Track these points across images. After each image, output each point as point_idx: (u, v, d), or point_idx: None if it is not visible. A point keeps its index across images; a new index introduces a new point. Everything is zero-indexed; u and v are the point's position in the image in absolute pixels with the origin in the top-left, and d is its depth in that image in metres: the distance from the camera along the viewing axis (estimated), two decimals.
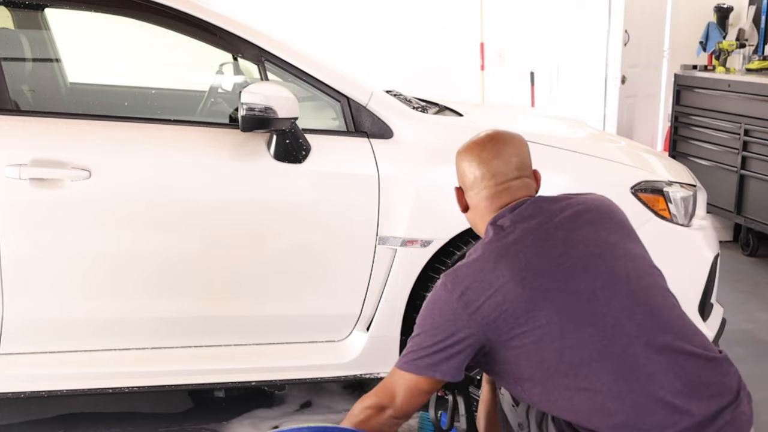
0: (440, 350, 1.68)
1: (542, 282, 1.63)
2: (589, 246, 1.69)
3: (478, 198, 1.85)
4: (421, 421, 2.61)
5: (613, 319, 1.61)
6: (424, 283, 2.76)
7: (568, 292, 1.62)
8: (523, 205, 1.78)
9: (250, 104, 2.42)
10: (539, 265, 1.65)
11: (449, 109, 3.22)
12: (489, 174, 1.84)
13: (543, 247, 1.68)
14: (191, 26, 2.60)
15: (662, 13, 6.68)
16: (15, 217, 2.41)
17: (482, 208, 1.84)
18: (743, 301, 4.26)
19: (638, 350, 1.60)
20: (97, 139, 2.48)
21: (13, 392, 2.53)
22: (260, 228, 2.61)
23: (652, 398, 1.58)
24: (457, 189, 1.92)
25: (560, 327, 1.60)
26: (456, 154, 1.92)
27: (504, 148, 1.85)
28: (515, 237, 1.71)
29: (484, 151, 1.86)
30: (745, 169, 4.91)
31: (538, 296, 1.62)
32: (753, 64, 5.37)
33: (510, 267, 1.65)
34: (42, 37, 3.23)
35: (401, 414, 1.76)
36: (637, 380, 1.58)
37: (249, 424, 2.86)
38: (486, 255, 1.70)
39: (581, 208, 1.77)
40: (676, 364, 1.60)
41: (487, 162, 1.85)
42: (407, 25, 6.40)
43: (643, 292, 1.67)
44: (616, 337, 1.60)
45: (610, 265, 1.67)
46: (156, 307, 2.60)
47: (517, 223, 1.74)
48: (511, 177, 1.83)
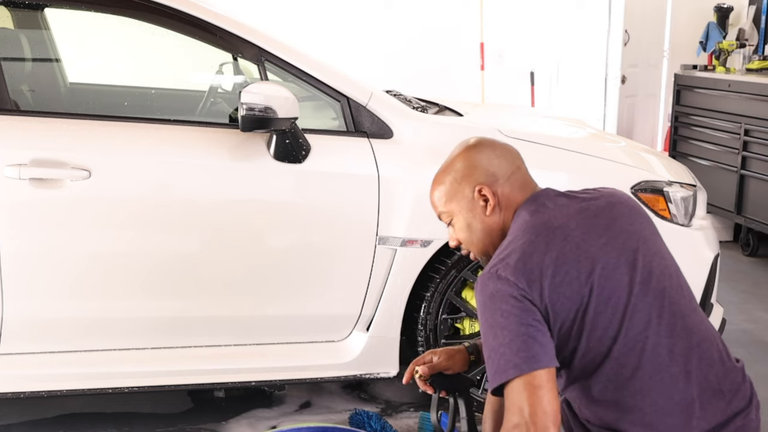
0: (529, 339, 1.54)
1: (595, 270, 1.60)
2: (628, 240, 1.67)
3: (510, 183, 1.73)
4: (421, 421, 2.61)
5: (646, 315, 1.61)
6: (424, 283, 2.76)
7: (613, 285, 1.61)
8: (550, 193, 1.73)
9: (249, 104, 2.42)
10: (594, 252, 1.62)
11: (449, 109, 3.22)
12: (512, 155, 1.78)
13: (588, 233, 1.64)
14: (191, 26, 2.60)
15: (662, 13, 6.68)
16: (15, 217, 2.41)
17: (515, 195, 1.73)
18: (743, 301, 4.26)
19: (664, 351, 1.60)
20: (97, 139, 2.48)
21: (13, 392, 2.53)
22: (260, 228, 2.61)
23: (671, 400, 1.59)
24: (481, 186, 1.73)
25: (597, 314, 1.59)
26: (463, 154, 1.78)
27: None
28: (560, 221, 1.65)
29: (495, 141, 1.81)
30: (745, 169, 4.91)
31: (592, 285, 1.59)
32: (753, 64, 5.37)
33: (561, 248, 1.60)
34: (42, 37, 3.23)
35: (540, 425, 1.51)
36: (661, 380, 1.59)
37: (247, 424, 2.86)
38: (533, 237, 1.62)
39: (613, 200, 1.74)
40: (698, 369, 1.61)
41: (505, 147, 1.79)
42: (407, 25, 6.40)
43: (673, 293, 1.66)
44: (646, 334, 1.60)
45: (647, 260, 1.66)
46: (156, 307, 2.60)
47: (555, 208, 1.69)
48: (522, 161, 1.80)
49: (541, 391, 1.51)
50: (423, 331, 2.78)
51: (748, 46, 5.72)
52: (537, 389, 1.51)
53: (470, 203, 1.75)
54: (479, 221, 1.75)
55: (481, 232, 1.76)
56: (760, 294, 4.41)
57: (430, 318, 2.77)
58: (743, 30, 6.03)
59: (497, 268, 1.60)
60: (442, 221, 1.83)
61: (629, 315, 1.59)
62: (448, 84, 6.26)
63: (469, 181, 1.75)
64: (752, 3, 6.18)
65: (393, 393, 3.09)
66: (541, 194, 1.73)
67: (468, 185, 1.75)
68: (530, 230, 1.64)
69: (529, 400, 1.51)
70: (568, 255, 1.59)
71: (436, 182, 1.81)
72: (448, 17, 6.51)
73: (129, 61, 4.19)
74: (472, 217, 1.76)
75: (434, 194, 1.81)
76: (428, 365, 1.95)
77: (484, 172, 1.74)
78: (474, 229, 1.76)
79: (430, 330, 2.78)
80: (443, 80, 6.27)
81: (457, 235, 1.81)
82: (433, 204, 1.82)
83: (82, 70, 3.97)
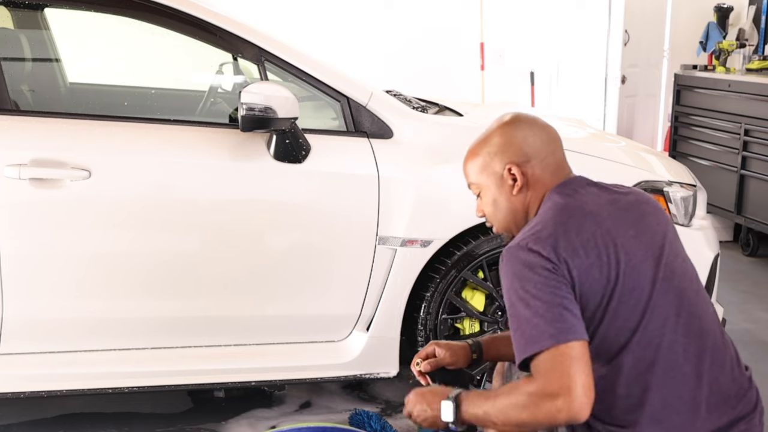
0: (564, 310, 1.53)
1: (622, 258, 1.61)
2: (655, 237, 1.68)
3: (543, 166, 1.73)
4: None
5: (665, 312, 1.62)
6: (424, 283, 2.76)
7: (637, 278, 1.62)
8: (582, 181, 1.73)
9: (249, 104, 2.42)
10: (622, 241, 1.63)
11: (449, 109, 3.21)
12: (552, 138, 1.77)
13: (618, 223, 1.65)
14: (191, 26, 2.60)
15: (662, 13, 6.68)
16: (15, 217, 2.41)
17: (546, 178, 1.73)
18: (743, 301, 4.25)
19: (680, 349, 1.61)
20: (97, 139, 2.48)
21: (13, 392, 2.53)
22: (260, 228, 2.61)
23: (681, 398, 1.60)
24: (511, 165, 1.73)
25: (620, 303, 1.60)
26: (501, 129, 1.77)
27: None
28: (592, 208, 1.66)
29: (537, 120, 1.80)
30: (745, 169, 4.91)
31: (619, 271, 1.60)
32: (753, 64, 5.37)
33: (593, 232, 1.61)
34: (42, 37, 3.23)
35: (578, 396, 1.48)
36: (673, 377, 1.60)
37: (246, 424, 2.86)
38: (566, 218, 1.63)
39: (642, 198, 1.76)
40: (709, 371, 1.63)
41: (548, 127, 1.78)
42: (407, 25, 6.40)
43: (692, 295, 1.68)
44: (664, 331, 1.61)
45: (670, 260, 1.67)
46: (156, 307, 2.60)
47: (587, 195, 1.69)
48: (561, 147, 1.79)
49: (579, 364, 1.48)
50: (423, 331, 2.78)
51: (748, 46, 5.72)
52: (575, 361, 1.48)
53: (499, 180, 1.76)
54: (505, 199, 1.76)
55: (506, 210, 1.77)
56: (760, 294, 4.41)
57: (430, 318, 2.77)
58: (743, 30, 6.03)
59: (527, 241, 1.60)
60: (471, 191, 1.85)
61: (650, 309, 1.60)
62: (448, 84, 6.26)
63: (502, 158, 1.75)
64: (752, 3, 6.17)
65: (392, 393, 3.09)
66: (574, 180, 1.74)
67: (500, 162, 1.75)
68: (563, 211, 1.65)
69: (567, 372, 1.47)
70: (598, 240, 1.60)
71: (471, 153, 1.82)
72: (448, 17, 6.51)
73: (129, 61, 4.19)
74: (498, 193, 1.77)
75: (467, 165, 1.83)
76: (431, 362, 1.96)
77: (518, 151, 1.74)
78: (499, 206, 1.78)
79: (430, 330, 2.78)
80: (443, 80, 6.27)
81: (483, 208, 1.83)
82: (465, 173, 1.84)
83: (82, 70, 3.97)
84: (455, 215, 2.70)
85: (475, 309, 2.83)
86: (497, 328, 2.83)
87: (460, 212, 2.70)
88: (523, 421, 1.54)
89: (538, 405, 1.50)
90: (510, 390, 1.58)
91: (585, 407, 1.48)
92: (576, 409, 1.47)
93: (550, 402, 1.48)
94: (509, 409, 1.55)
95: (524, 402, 1.52)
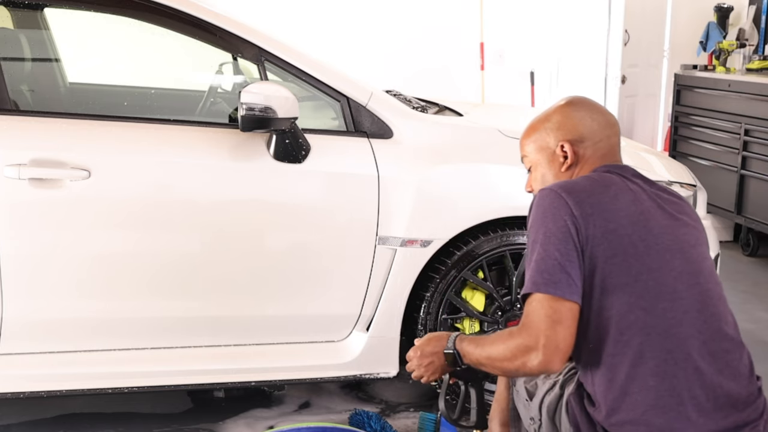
0: (557, 265, 1.58)
1: (649, 238, 1.64)
2: (688, 234, 1.72)
3: (595, 148, 1.78)
4: (421, 421, 2.61)
5: (687, 306, 1.64)
6: (424, 283, 2.76)
7: (663, 261, 1.64)
8: (630, 169, 1.77)
9: (249, 104, 2.42)
10: (654, 225, 1.66)
11: (449, 109, 3.21)
12: (609, 124, 1.82)
13: (656, 210, 1.69)
14: (191, 26, 2.60)
15: (662, 13, 6.68)
16: (14, 217, 2.41)
17: (595, 160, 1.78)
18: (743, 301, 4.25)
19: (695, 344, 1.62)
20: (97, 139, 2.48)
21: (13, 392, 2.53)
22: (260, 228, 2.61)
23: (690, 392, 1.61)
24: (565, 143, 1.78)
25: (644, 287, 1.61)
26: (561, 109, 1.82)
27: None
28: (633, 188, 1.70)
29: (600, 105, 1.85)
30: (746, 169, 4.91)
31: (642, 249, 1.63)
32: (753, 64, 5.37)
33: (627, 207, 1.65)
34: (41, 36, 3.23)
35: (551, 351, 1.55)
36: (684, 370, 1.61)
37: (244, 424, 2.86)
38: (605, 184, 1.68)
39: (684, 201, 1.80)
40: (722, 373, 1.64)
41: (608, 113, 1.84)
42: (407, 25, 6.39)
43: (716, 298, 1.70)
44: (683, 323, 1.62)
45: (699, 259, 1.70)
46: (155, 307, 2.60)
47: (632, 178, 1.74)
48: (617, 134, 1.84)
49: (559, 326, 1.55)
50: (423, 331, 2.78)
51: (748, 46, 5.72)
52: (556, 323, 1.55)
53: (551, 156, 1.81)
54: (553, 175, 1.82)
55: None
56: (760, 294, 4.41)
57: (430, 318, 2.77)
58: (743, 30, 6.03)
59: (561, 187, 1.66)
60: (523, 164, 1.91)
61: (671, 298, 1.62)
62: (448, 84, 6.26)
63: (557, 135, 1.81)
64: (752, 3, 6.17)
65: (391, 393, 3.09)
66: (625, 167, 1.78)
67: (554, 138, 1.81)
68: (606, 178, 1.71)
69: (546, 328, 1.55)
70: (628, 214, 1.64)
71: (530, 128, 1.87)
72: (448, 17, 6.51)
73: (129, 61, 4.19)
74: (548, 169, 1.82)
75: (524, 138, 1.88)
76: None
77: (574, 131, 1.79)
78: (546, 182, 1.82)
79: (430, 330, 2.78)
80: (443, 80, 6.26)
81: (531, 183, 1.88)
82: (521, 146, 1.90)
83: (82, 70, 3.96)
84: (455, 215, 2.70)
85: (475, 309, 2.82)
86: (497, 327, 2.83)
87: (460, 212, 2.70)
88: (504, 369, 1.66)
89: (516, 355, 1.59)
90: (498, 339, 1.67)
91: (554, 363, 1.55)
92: (545, 363, 1.55)
93: (524, 354, 1.57)
94: (495, 358, 1.65)
95: (506, 353, 1.61)
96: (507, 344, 1.61)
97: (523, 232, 2.74)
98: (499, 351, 1.64)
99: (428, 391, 3.02)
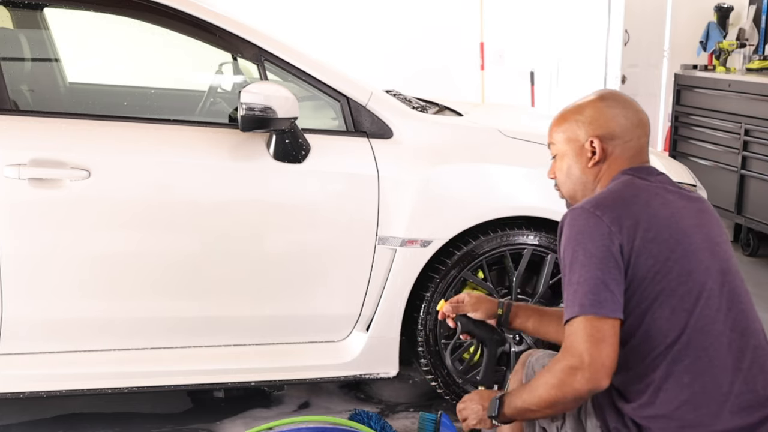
0: (601, 284, 1.59)
1: (684, 240, 1.66)
2: (714, 233, 1.74)
3: (625, 147, 1.78)
4: (421, 421, 2.60)
5: (719, 303, 1.66)
6: (424, 283, 2.76)
7: (698, 261, 1.66)
8: (654, 170, 1.78)
9: (249, 104, 2.42)
10: (684, 225, 1.68)
11: (449, 109, 3.21)
12: (642, 123, 1.81)
13: (683, 209, 1.71)
14: (191, 26, 2.60)
15: (662, 13, 6.68)
16: (14, 217, 2.40)
17: (623, 160, 1.78)
18: None
19: (725, 341, 1.65)
20: (97, 139, 2.48)
21: (13, 392, 2.53)
22: (259, 228, 2.61)
23: (718, 389, 1.63)
24: (594, 139, 1.77)
25: (686, 289, 1.64)
26: (595, 103, 1.81)
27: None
28: (660, 191, 1.72)
29: (635, 103, 1.84)
30: (746, 169, 4.90)
31: (679, 252, 1.64)
32: (753, 64, 5.36)
33: (658, 210, 1.67)
34: (41, 36, 3.23)
35: (597, 368, 1.56)
36: (717, 367, 1.63)
37: (242, 423, 2.85)
38: (635, 192, 1.70)
39: (703, 199, 1.81)
40: (748, 370, 1.66)
41: (641, 112, 1.83)
42: (407, 25, 6.40)
43: (743, 295, 1.72)
44: (716, 321, 1.65)
45: (726, 257, 1.73)
46: (155, 307, 2.59)
47: (657, 181, 1.75)
48: (648, 134, 1.84)
49: (603, 344, 1.56)
50: (423, 331, 2.78)
51: (749, 46, 5.72)
52: (599, 341, 1.56)
53: (579, 149, 1.81)
54: (579, 169, 1.81)
55: (577, 179, 1.83)
56: (762, 294, 4.40)
57: (430, 318, 2.77)
58: (743, 30, 6.03)
59: (593, 205, 1.66)
60: (549, 150, 1.90)
61: (705, 296, 1.65)
62: (448, 84, 6.26)
63: (588, 129, 1.80)
64: (752, 3, 6.17)
65: (391, 393, 3.09)
66: (648, 168, 1.79)
67: (585, 132, 1.80)
68: (633, 186, 1.72)
69: (589, 347, 1.55)
70: (662, 219, 1.66)
71: (560, 117, 1.86)
72: (448, 17, 6.51)
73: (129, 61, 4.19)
74: (575, 162, 1.82)
75: (554, 126, 1.87)
76: (452, 303, 2.03)
77: (605, 127, 1.78)
78: (572, 175, 1.83)
79: (429, 330, 2.78)
80: (443, 80, 6.26)
81: (555, 171, 1.88)
82: (549, 133, 1.89)
83: (82, 70, 3.96)
84: (455, 215, 2.70)
85: None
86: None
87: (459, 212, 2.70)
88: (554, 399, 1.61)
89: (563, 379, 1.58)
90: (541, 373, 1.66)
91: (602, 380, 1.55)
92: (592, 381, 1.55)
93: (570, 375, 1.56)
94: (541, 391, 1.63)
95: (552, 380, 1.60)
96: (552, 372, 1.61)
97: (523, 232, 2.74)
98: (545, 382, 1.62)
99: (428, 391, 3.02)
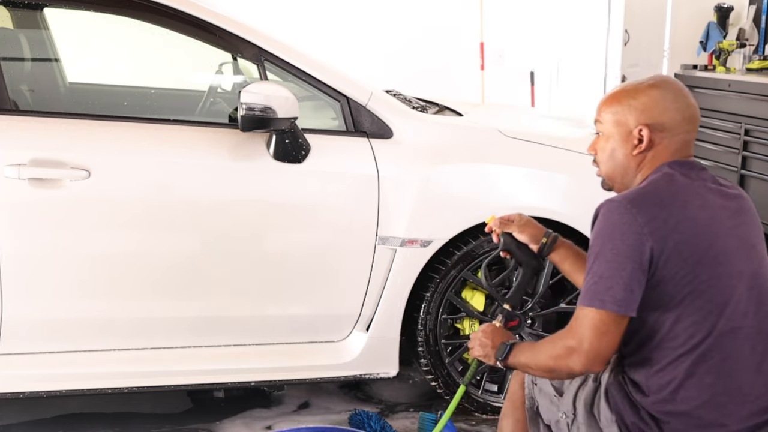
0: (621, 282, 1.61)
1: (717, 243, 1.66)
2: (750, 234, 1.74)
3: (672, 140, 1.75)
4: (421, 421, 2.61)
5: (747, 307, 1.67)
6: (424, 283, 2.76)
7: (730, 265, 1.67)
8: (697, 165, 1.77)
9: (249, 104, 2.42)
10: (720, 228, 1.68)
11: (449, 109, 3.21)
12: (693, 119, 1.78)
13: (721, 210, 1.70)
14: (191, 26, 2.60)
15: (662, 13, 6.67)
16: (14, 217, 2.41)
17: (668, 152, 1.75)
18: None
19: (749, 343, 1.66)
20: (97, 139, 2.48)
21: (13, 392, 2.53)
22: (259, 228, 2.61)
23: (740, 389, 1.65)
24: (644, 127, 1.74)
25: (715, 292, 1.64)
26: (650, 91, 1.76)
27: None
28: (700, 190, 1.71)
29: (690, 96, 1.80)
30: (746, 169, 4.89)
31: (711, 255, 1.65)
32: (753, 64, 5.36)
33: (695, 211, 1.66)
34: (41, 36, 3.23)
35: (593, 356, 1.63)
36: (740, 369, 1.65)
37: (242, 423, 2.85)
38: (675, 190, 1.69)
39: (744, 195, 1.80)
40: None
41: (694, 107, 1.79)
42: (407, 25, 6.39)
43: None
44: (743, 324, 1.66)
45: (758, 260, 1.73)
46: (155, 307, 2.60)
47: (699, 178, 1.74)
48: (696, 130, 1.82)
49: (605, 336, 1.61)
50: (423, 331, 2.78)
51: (749, 46, 5.71)
52: (603, 333, 1.61)
53: (626, 134, 1.77)
54: (623, 154, 1.78)
55: (619, 164, 1.80)
56: None
57: (430, 318, 2.77)
58: (743, 30, 6.02)
59: (630, 201, 1.66)
60: (594, 125, 1.87)
61: (735, 300, 1.65)
62: (448, 84, 6.26)
63: (638, 117, 1.76)
64: (752, 3, 6.16)
65: (391, 393, 3.09)
66: (691, 162, 1.77)
67: (635, 119, 1.76)
68: (673, 183, 1.70)
69: (591, 336, 1.61)
70: (698, 221, 1.66)
71: (612, 97, 1.81)
72: (448, 17, 6.50)
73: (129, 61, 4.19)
74: (619, 146, 1.79)
75: (604, 105, 1.83)
76: (501, 219, 2.05)
77: (656, 117, 1.75)
78: (615, 158, 1.80)
79: (429, 330, 2.78)
80: (443, 80, 6.26)
81: (597, 149, 1.85)
82: (598, 111, 1.85)
83: (82, 70, 3.96)
84: (455, 215, 2.70)
85: (475, 309, 2.82)
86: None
87: (460, 212, 2.70)
88: (550, 368, 1.70)
89: (561, 355, 1.66)
90: (546, 341, 1.74)
91: (596, 366, 1.64)
92: (586, 366, 1.63)
93: (567, 355, 1.64)
94: (542, 357, 1.71)
95: (552, 352, 1.69)
96: (553, 345, 1.69)
97: None
98: (546, 350, 1.71)
99: (428, 391, 3.02)
